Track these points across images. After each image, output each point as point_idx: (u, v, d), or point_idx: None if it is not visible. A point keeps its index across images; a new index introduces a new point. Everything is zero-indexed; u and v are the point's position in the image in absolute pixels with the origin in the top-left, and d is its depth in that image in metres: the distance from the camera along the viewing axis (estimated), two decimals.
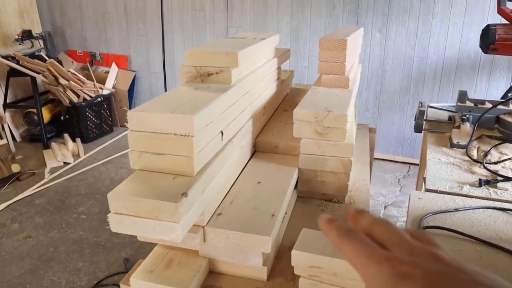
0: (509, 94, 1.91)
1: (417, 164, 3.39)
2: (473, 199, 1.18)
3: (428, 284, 0.28)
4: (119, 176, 3.40)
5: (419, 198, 1.20)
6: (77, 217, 2.80)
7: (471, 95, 1.90)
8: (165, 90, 4.45)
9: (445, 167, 1.38)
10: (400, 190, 3.20)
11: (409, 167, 3.59)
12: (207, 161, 0.84)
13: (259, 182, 1.04)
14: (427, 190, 1.25)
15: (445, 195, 1.21)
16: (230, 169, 0.99)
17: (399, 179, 3.39)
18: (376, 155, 3.60)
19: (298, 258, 0.78)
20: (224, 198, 0.96)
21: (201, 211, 0.82)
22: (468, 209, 1.12)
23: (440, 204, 1.17)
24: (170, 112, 0.76)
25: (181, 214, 0.71)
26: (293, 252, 0.78)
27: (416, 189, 2.33)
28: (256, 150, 1.24)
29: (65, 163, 3.63)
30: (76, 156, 3.80)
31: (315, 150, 1.09)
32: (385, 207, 2.96)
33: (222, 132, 0.90)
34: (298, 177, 1.15)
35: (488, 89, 3.26)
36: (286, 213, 1.05)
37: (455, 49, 3.26)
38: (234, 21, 3.89)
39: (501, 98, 2.81)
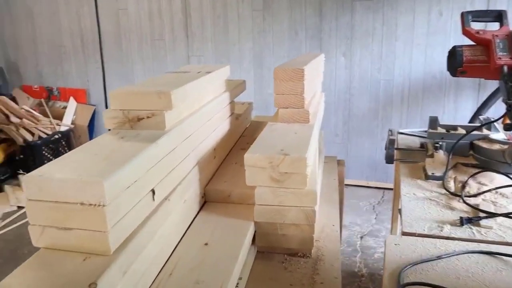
0: (480, 117, 1.82)
1: (391, 189, 3.28)
2: (456, 241, 1.04)
3: None
4: None
5: (395, 245, 1.06)
6: None
7: (439, 116, 1.80)
8: None
9: (421, 203, 1.25)
10: (375, 218, 3.07)
11: (383, 192, 3.48)
12: (131, 232, 0.67)
13: (206, 244, 0.86)
14: (404, 234, 1.11)
15: (424, 238, 1.08)
16: (169, 232, 0.82)
17: (374, 206, 3.26)
18: (348, 181, 3.47)
19: None
20: (161, 269, 0.78)
21: None
22: (451, 256, 0.98)
23: (420, 251, 1.03)
24: (75, 176, 0.59)
25: None
26: None
27: (392, 221, 2.20)
28: (207, 201, 1.07)
29: (19, 207, 3.35)
30: None
31: (272, 200, 0.93)
32: (361, 237, 2.81)
33: (153, 191, 0.73)
34: (255, 231, 0.98)
35: (456, 110, 3.21)
36: (241, 278, 0.88)
37: (420, 70, 3.22)
38: (196, 49, 3.77)
39: (469, 121, 2.76)
